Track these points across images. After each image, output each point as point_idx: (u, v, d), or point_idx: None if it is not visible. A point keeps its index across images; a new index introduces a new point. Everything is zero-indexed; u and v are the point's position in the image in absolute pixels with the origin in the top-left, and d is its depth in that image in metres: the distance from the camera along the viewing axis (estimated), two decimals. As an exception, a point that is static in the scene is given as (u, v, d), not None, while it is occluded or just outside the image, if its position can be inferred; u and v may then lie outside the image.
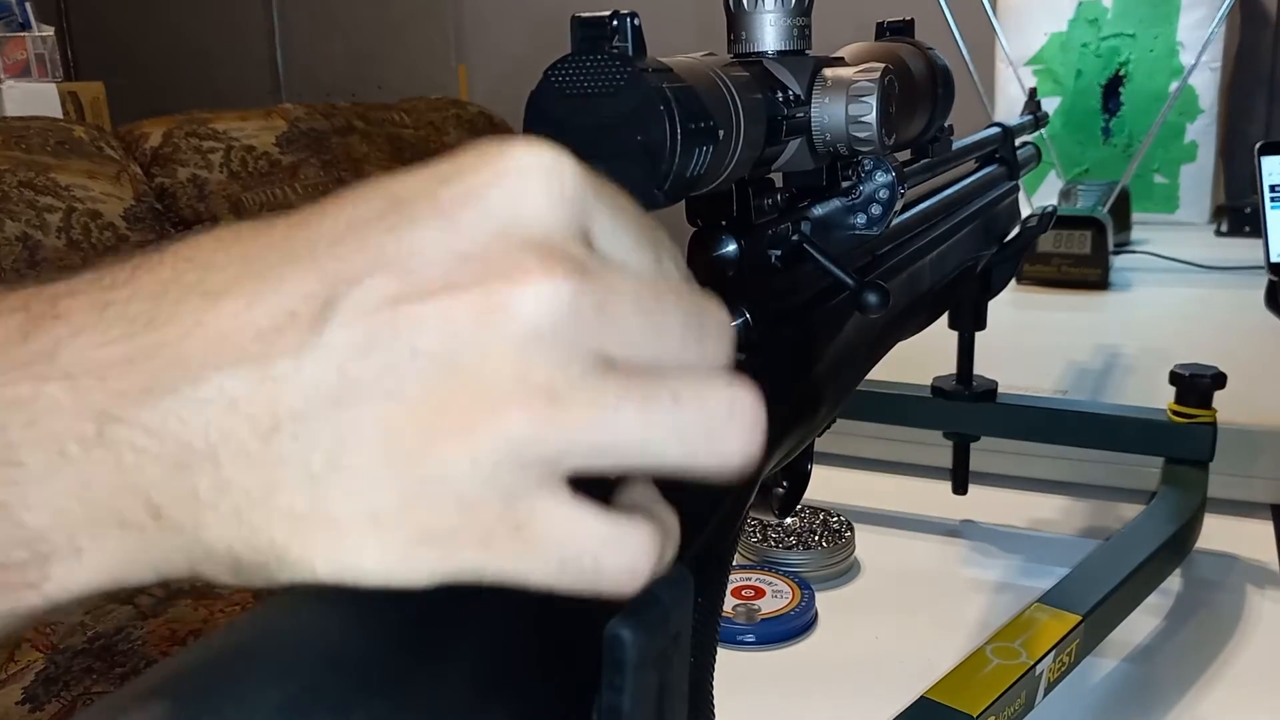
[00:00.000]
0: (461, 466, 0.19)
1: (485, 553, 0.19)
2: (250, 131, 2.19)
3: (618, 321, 0.20)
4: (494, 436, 0.19)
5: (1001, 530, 0.73)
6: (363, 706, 0.18)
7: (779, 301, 0.38)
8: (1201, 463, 0.69)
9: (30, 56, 2.41)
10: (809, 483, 0.42)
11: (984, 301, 0.69)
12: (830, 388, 0.40)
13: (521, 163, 0.20)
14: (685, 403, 0.20)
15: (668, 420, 0.20)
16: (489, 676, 0.21)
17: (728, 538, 0.32)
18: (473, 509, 0.19)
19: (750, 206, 0.36)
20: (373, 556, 0.19)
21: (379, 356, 0.19)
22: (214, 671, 0.18)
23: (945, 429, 0.73)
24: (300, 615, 0.19)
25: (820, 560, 0.66)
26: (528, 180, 0.20)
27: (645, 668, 0.23)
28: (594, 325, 0.20)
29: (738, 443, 0.21)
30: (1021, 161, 0.72)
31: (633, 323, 0.20)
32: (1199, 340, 1.07)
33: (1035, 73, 1.76)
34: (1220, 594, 0.64)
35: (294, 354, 0.19)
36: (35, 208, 1.75)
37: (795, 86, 0.37)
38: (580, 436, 0.19)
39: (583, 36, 0.27)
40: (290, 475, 0.19)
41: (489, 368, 0.19)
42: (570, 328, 0.19)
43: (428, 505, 0.19)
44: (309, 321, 0.19)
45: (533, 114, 0.28)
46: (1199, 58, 1.51)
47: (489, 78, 3.05)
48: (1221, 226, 1.63)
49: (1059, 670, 0.51)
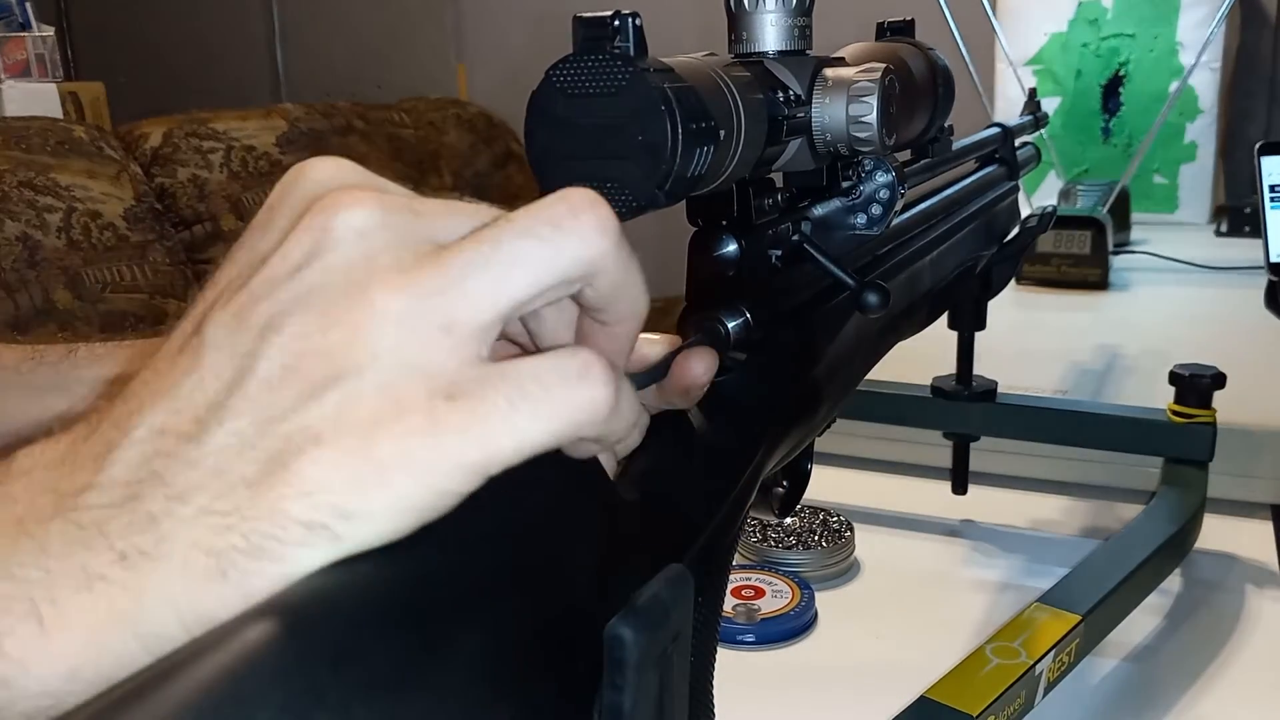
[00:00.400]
0: (365, 359, 0.20)
1: (438, 434, 0.20)
2: (250, 131, 2.19)
3: (433, 217, 0.23)
4: (375, 319, 0.20)
5: (1001, 530, 0.73)
6: (364, 705, 0.18)
7: (779, 301, 0.38)
8: (1201, 463, 0.69)
9: (30, 56, 2.41)
10: (809, 482, 0.42)
11: (984, 301, 0.69)
12: (830, 387, 0.40)
13: (301, 169, 0.24)
14: (521, 234, 0.22)
15: (515, 247, 0.22)
16: (491, 675, 0.21)
17: (728, 538, 0.32)
18: (399, 394, 0.20)
19: (751, 206, 0.36)
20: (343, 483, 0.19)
21: (250, 321, 0.21)
22: (214, 671, 0.18)
23: (945, 429, 0.73)
24: (301, 614, 0.19)
25: (820, 560, 0.66)
26: (311, 168, 0.23)
27: (646, 667, 0.23)
28: (411, 220, 0.22)
29: (577, 235, 0.22)
30: (1021, 162, 0.72)
31: (444, 217, 0.23)
32: (1199, 340, 1.07)
33: (1035, 73, 1.76)
34: (1220, 594, 0.64)
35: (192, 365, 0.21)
36: (35, 208, 1.75)
37: (796, 86, 0.37)
38: (446, 293, 0.21)
39: (584, 36, 0.27)
40: (233, 456, 0.20)
41: (341, 276, 0.21)
42: (391, 220, 0.22)
43: (358, 410, 0.20)
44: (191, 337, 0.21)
45: (534, 114, 0.28)
46: (1199, 58, 1.51)
47: (489, 77, 3.04)
48: (1221, 227, 1.63)
49: (1059, 670, 0.51)
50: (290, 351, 0.20)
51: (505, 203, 0.24)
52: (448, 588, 0.21)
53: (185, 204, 2.04)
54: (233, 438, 0.20)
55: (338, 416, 0.20)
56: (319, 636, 0.19)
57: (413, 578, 0.20)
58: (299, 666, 0.18)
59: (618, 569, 0.25)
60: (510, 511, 0.23)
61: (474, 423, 0.20)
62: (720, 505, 0.31)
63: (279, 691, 0.17)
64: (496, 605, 0.21)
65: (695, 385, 0.30)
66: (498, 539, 0.22)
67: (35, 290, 1.71)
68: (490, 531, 0.22)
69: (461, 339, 0.21)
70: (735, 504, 0.32)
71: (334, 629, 0.19)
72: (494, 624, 0.21)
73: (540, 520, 0.24)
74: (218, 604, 0.19)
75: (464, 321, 0.21)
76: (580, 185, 0.27)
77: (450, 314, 0.21)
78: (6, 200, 1.70)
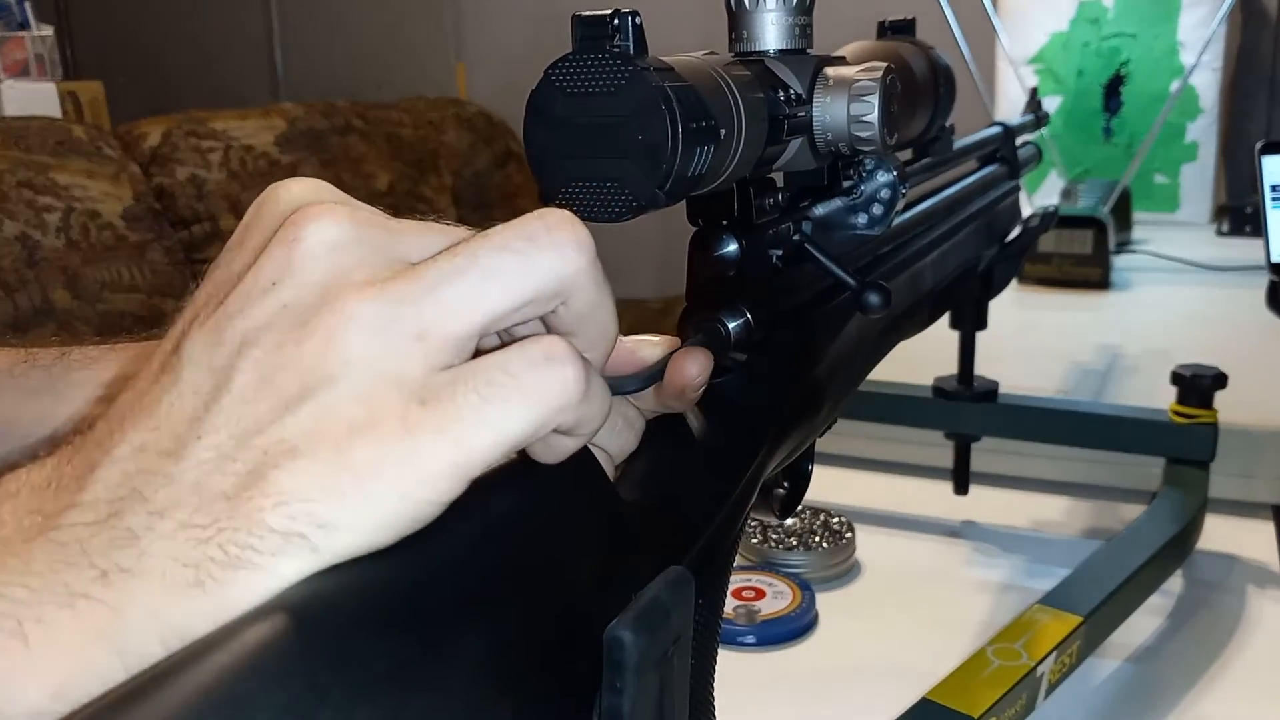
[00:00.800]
0: (338, 368, 0.20)
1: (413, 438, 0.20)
2: (249, 131, 2.19)
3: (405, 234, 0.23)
4: (346, 326, 0.20)
5: (1003, 531, 0.72)
6: (366, 705, 0.18)
7: (780, 301, 0.38)
8: (1203, 463, 0.69)
9: (29, 56, 2.41)
10: (810, 483, 0.42)
11: (985, 301, 0.69)
12: (831, 388, 0.40)
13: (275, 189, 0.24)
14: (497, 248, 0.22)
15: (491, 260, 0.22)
16: (491, 677, 0.21)
17: (728, 539, 0.31)
18: (372, 402, 0.20)
19: (751, 206, 0.36)
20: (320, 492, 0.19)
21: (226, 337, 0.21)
22: (216, 671, 0.18)
23: (946, 429, 0.73)
24: (302, 615, 0.19)
25: (821, 561, 0.66)
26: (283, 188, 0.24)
27: (646, 669, 0.23)
28: (384, 235, 0.22)
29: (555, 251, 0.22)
30: (1022, 161, 0.72)
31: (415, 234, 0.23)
32: (1200, 340, 1.06)
33: (1036, 72, 1.76)
34: (1221, 594, 0.64)
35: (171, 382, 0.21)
36: (34, 207, 1.75)
37: (797, 85, 0.36)
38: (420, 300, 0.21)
39: (583, 35, 0.27)
40: (212, 470, 0.20)
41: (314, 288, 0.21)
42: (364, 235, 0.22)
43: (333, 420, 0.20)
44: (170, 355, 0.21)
45: (533, 113, 0.28)
46: (1200, 57, 1.51)
47: (488, 77, 3.04)
48: (1222, 226, 1.63)
49: (1060, 671, 0.51)
50: (265, 365, 0.20)
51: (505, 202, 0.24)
52: (449, 589, 0.21)
53: (184, 204, 2.04)
54: (211, 452, 0.20)
55: (313, 427, 0.20)
56: (320, 636, 0.19)
57: (414, 579, 0.20)
58: (301, 666, 0.18)
59: (618, 571, 0.25)
60: (510, 513, 0.23)
61: (447, 422, 0.20)
62: (721, 506, 0.31)
63: (281, 691, 0.17)
64: (497, 607, 0.21)
65: (690, 387, 0.29)
66: (498, 541, 0.22)
67: (34, 290, 1.70)
68: (491, 533, 0.22)
69: (434, 348, 0.21)
70: (736, 505, 0.32)
71: (336, 629, 0.19)
72: (495, 625, 0.21)
73: (541, 522, 0.24)
74: (194, 617, 0.19)
75: (437, 331, 0.21)
76: (580, 184, 0.27)
77: (423, 322, 0.21)
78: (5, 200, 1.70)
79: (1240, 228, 1.58)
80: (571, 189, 0.27)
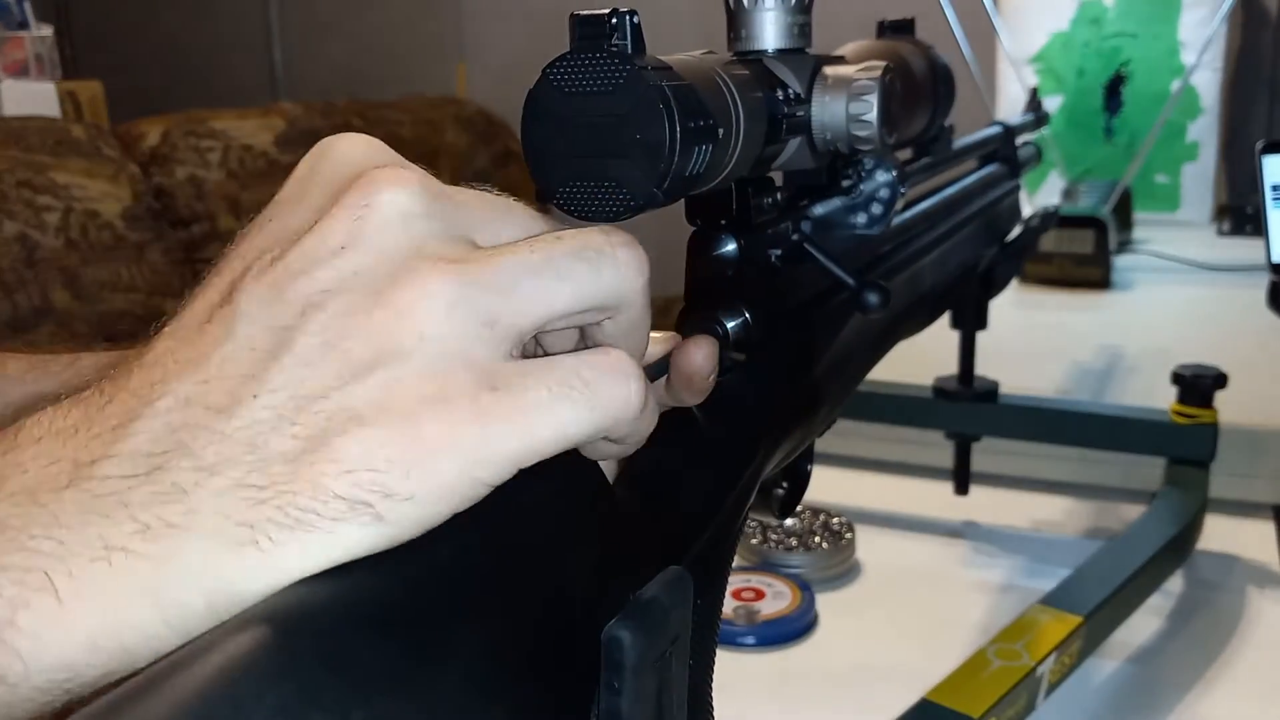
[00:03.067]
0: (411, 341, 0.20)
1: (484, 423, 0.20)
2: (248, 130, 2.19)
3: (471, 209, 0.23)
4: (425, 302, 0.20)
5: (1003, 531, 0.72)
6: (360, 708, 0.18)
7: (779, 301, 0.37)
8: (1203, 463, 0.69)
9: (29, 56, 2.41)
10: (809, 483, 0.42)
11: (985, 301, 0.68)
12: (831, 388, 0.40)
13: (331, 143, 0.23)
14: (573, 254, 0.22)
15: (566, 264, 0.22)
16: (488, 677, 0.21)
17: (727, 539, 0.31)
18: (445, 380, 0.20)
19: (750, 205, 0.36)
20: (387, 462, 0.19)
21: (289, 296, 0.20)
22: (209, 673, 0.18)
23: (947, 429, 0.73)
24: (295, 617, 0.19)
25: (821, 561, 0.66)
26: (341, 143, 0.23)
27: (644, 670, 0.23)
28: (453, 210, 0.22)
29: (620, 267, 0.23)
30: (1023, 160, 0.72)
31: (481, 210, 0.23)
32: (1201, 340, 1.06)
33: (1037, 72, 1.76)
34: (1222, 594, 0.64)
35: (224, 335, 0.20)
36: (33, 207, 1.74)
37: (796, 85, 0.36)
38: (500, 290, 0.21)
39: (582, 34, 0.27)
40: (268, 431, 0.19)
41: (387, 258, 0.21)
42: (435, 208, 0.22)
43: (404, 392, 0.20)
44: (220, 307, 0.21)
45: (531, 112, 0.28)
46: (1200, 57, 1.51)
47: (488, 76, 3.04)
48: (1223, 226, 1.63)
49: (1061, 672, 0.51)
50: (332, 329, 0.20)
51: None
52: (443, 590, 0.21)
53: (183, 203, 2.04)
54: (267, 412, 0.20)
55: (382, 397, 0.20)
56: (314, 638, 0.19)
57: (408, 581, 0.20)
58: (294, 668, 0.18)
59: (616, 571, 0.25)
60: (507, 514, 0.23)
61: (517, 412, 0.20)
62: (719, 506, 0.31)
63: (274, 693, 0.17)
64: (493, 608, 0.21)
65: (698, 375, 0.29)
66: (494, 541, 0.22)
67: (33, 290, 1.70)
68: (486, 534, 0.22)
69: (500, 336, 0.21)
70: (735, 505, 0.32)
71: (329, 631, 0.19)
72: (490, 626, 0.21)
73: (538, 522, 0.24)
74: (245, 574, 0.19)
75: (507, 320, 0.21)
76: (578, 184, 0.27)
77: (497, 311, 0.21)
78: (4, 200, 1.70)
79: (1241, 227, 1.58)
80: (570, 188, 0.27)
